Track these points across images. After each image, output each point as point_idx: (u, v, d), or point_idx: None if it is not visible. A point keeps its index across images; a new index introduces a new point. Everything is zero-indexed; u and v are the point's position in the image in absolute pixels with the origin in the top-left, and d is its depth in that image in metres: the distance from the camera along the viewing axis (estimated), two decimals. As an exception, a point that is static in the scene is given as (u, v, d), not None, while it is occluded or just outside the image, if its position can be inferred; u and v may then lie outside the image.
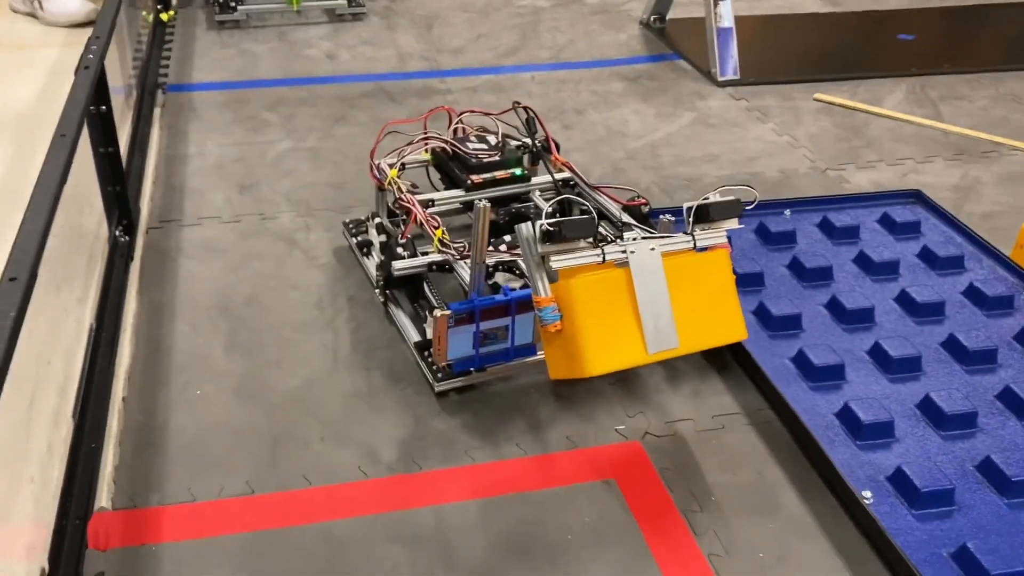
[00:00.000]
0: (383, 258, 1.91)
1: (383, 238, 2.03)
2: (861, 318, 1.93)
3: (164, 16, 3.51)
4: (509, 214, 1.97)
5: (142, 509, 1.52)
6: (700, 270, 1.55)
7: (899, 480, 1.55)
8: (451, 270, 1.84)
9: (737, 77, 3.13)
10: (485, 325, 1.69)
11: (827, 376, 1.77)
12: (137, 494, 1.55)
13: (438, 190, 2.06)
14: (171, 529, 1.48)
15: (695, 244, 1.55)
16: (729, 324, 1.57)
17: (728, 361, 1.88)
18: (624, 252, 1.49)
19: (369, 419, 1.72)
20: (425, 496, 1.57)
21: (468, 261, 1.75)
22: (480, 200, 1.62)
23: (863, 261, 2.11)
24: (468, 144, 2.03)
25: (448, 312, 1.64)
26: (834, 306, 1.96)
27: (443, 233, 1.81)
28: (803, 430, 1.65)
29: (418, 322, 1.89)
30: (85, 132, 1.84)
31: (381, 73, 3.18)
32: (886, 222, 2.26)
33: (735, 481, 1.62)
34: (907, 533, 1.47)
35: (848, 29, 3.70)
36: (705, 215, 1.56)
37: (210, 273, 2.11)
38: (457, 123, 2.10)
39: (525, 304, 1.68)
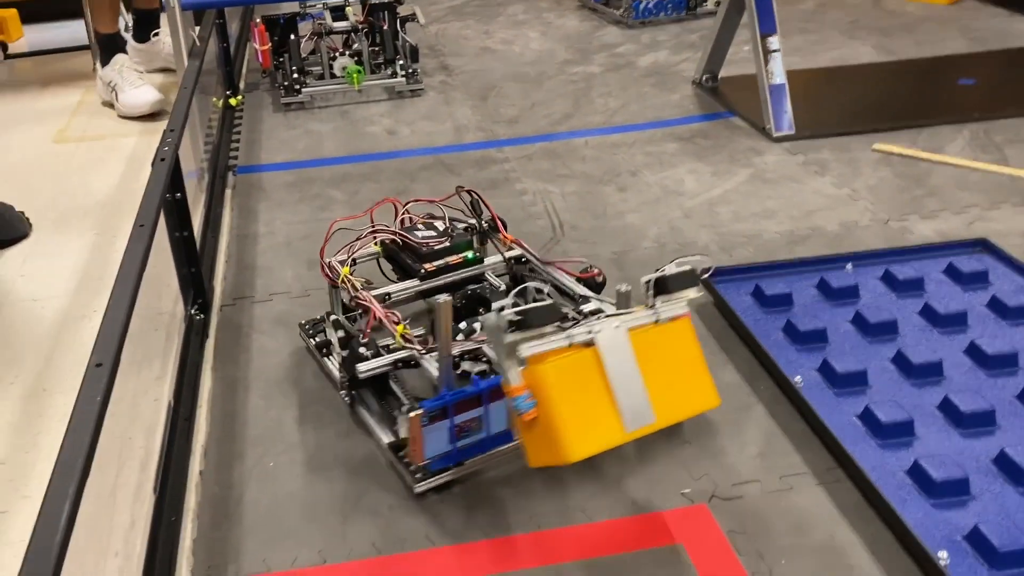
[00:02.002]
0: (344, 358, 1.86)
1: (340, 334, 2.02)
2: (929, 372, 1.89)
3: (233, 101, 3.70)
4: (465, 297, 2.00)
5: (219, 581, 1.57)
6: (665, 341, 1.54)
7: (977, 539, 1.50)
8: (417, 365, 1.83)
9: (792, 132, 3.14)
10: (459, 418, 1.67)
11: (896, 433, 1.74)
12: (215, 566, 1.60)
13: (392, 282, 2.06)
14: (247, 601, 1.53)
15: (658, 317, 1.55)
16: (701, 392, 1.57)
17: (795, 419, 1.86)
18: (590, 333, 1.47)
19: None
20: (493, 564, 1.58)
21: (434, 354, 1.75)
22: (440, 297, 1.60)
23: (929, 313, 2.08)
24: (416, 233, 2.06)
25: (420, 411, 1.60)
26: (901, 361, 1.93)
27: (404, 328, 1.80)
28: (873, 489, 1.62)
29: (388, 421, 1.84)
30: (162, 219, 1.95)
31: (439, 146, 3.28)
32: (952, 272, 2.22)
33: (805, 543, 1.59)
34: (988, 595, 1.42)
35: (905, 77, 3.68)
36: (664, 287, 1.55)
37: (281, 347, 2.18)
38: (404, 214, 2.13)
39: (496, 391, 1.66)
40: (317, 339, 2.11)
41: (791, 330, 2.04)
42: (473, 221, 2.16)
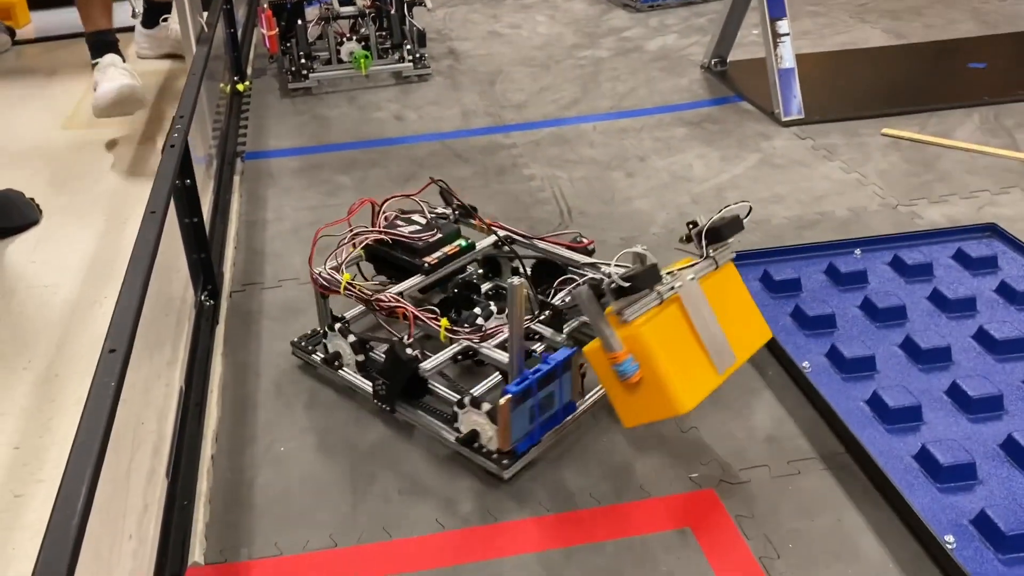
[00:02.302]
0: (388, 365, 1.81)
1: (352, 339, 1.91)
2: (938, 357, 1.90)
3: (240, 87, 3.70)
4: (457, 285, 2.01)
5: (232, 564, 1.59)
6: (724, 285, 1.67)
7: (983, 524, 1.51)
8: (474, 355, 1.84)
9: (801, 116, 3.13)
10: (540, 396, 1.69)
11: (904, 418, 1.75)
12: (227, 549, 1.62)
13: (382, 283, 2.03)
14: (259, 583, 1.55)
15: (716, 263, 1.66)
16: (758, 328, 1.74)
17: (802, 404, 1.87)
18: (672, 289, 1.57)
19: (444, 472, 1.76)
20: (502, 547, 1.60)
21: (490, 341, 1.80)
22: (514, 279, 1.62)
23: (938, 299, 2.08)
24: (401, 229, 2.03)
25: (509, 397, 1.62)
26: (909, 346, 1.93)
27: (447, 322, 1.81)
28: (880, 474, 1.63)
29: (438, 420, 1.82)
30: (172, 205, 1.96)
31: (447, 132, 3.28)
32: (961, 258, 2.22)
33: (813, 527, 1.60)
34: (995, 579, 1.43)
35: (915, 61, 3.66)
36: (717, 235, 1.66)
37: (291, 333, 2.19)
38: (383, 212, 2.08)
39: (564, 365, 1.71)
40: (320, 353, 2.01)
41: (799, 315, 2.04)
42: (447, 211, 2.15)
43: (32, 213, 2.76)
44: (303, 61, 3.71)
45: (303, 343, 2.07)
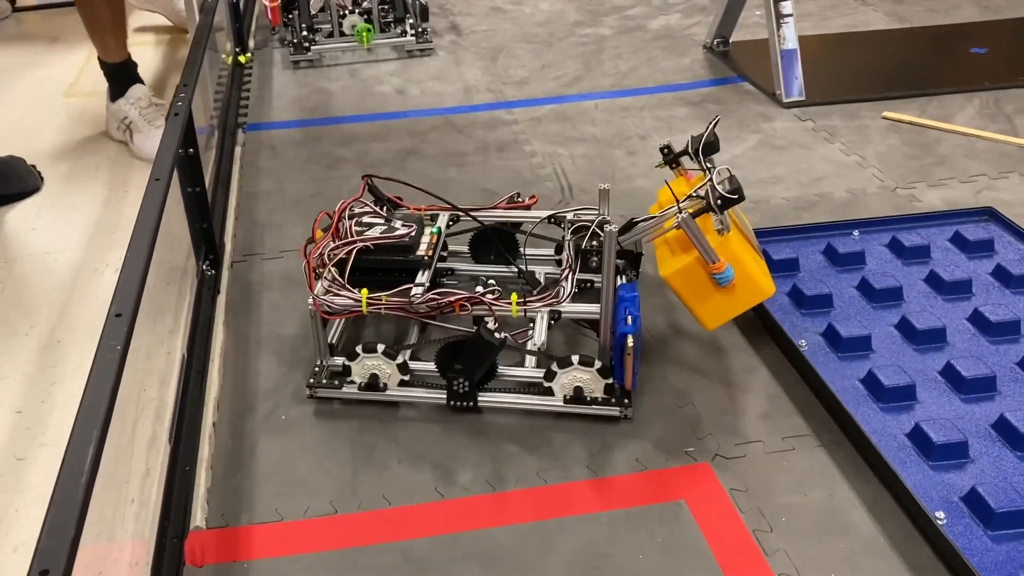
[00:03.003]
0: (473, 355, 1.76)
1: (400, 361, 1.82)
2: (933, 338, 1.92)
3: (242, 58, 3.69)
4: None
5: (234, 528, 1.61)
6: None
7: (974, 500, 1.54)
8: (559, 318, 1.86)
9: (803, 98, 3.14)
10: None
11: (898, 397, 1.77)
12: (229, 514, 1.64)
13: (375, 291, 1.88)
14: (261, 547, 1.57)
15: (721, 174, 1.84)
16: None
17: (797, 382, 1.89)
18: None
19: (443, 442, 1.78)
20: (499, 516, 1.62)
21: (560, 302, 1.81)
22: (608, 226, 1.72)
23: (934, 281, 2.10)
24: (369, 234, 1.93)
25: (631, 336, 1.67)
26: (905, 327, 1.95)
27: (516, 296, 1.82)
28: (874, 451, 1.65)
29: (522, 393, 1.84)
30: (175, 174, 1.96)
31: (449, 107, 3.28)
32: (958, 241, 2.24)
33: (805, 502, 1.63)
34: (982, 554, 1.46)
35: (917, 45, 3.66)
36: (712, 148, 1.86)
37: (292, 304, 2.21)
38: (345, 221, 1.98)
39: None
40: (353, 381, 1.85)
41: (797, 294, 2.06)
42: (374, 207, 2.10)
43: (33, 180, 2.76)
44: (305, 33, 3.70)
45: (321, 382, 1.87)
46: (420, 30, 3.76)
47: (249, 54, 3.77)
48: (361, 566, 1.53)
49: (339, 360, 1.87)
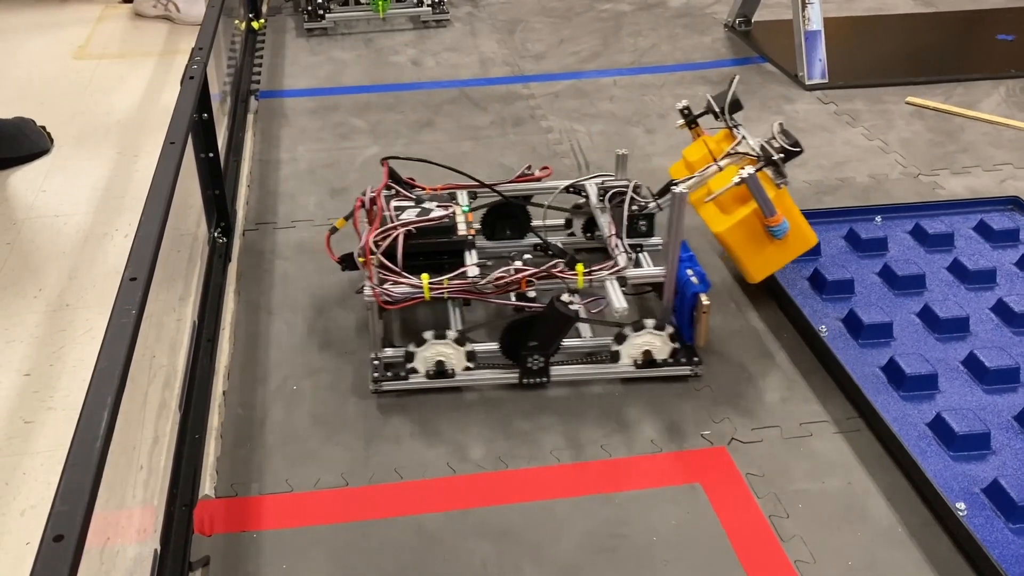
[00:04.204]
0: (549, 328, 1.74)
1: (467, 349, 1.78)
2: (955, 327, 1.89)
3: (255, 24, 3.63)
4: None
5: (243, 498, 1.59)
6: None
7: (995, 492, 1.51)
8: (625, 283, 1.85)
9: (825, 80, 3.08)
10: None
11: (919, 386, 1.74)
12: (238, 483, 1.62)
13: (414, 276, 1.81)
14: (270, 517, 1.55)
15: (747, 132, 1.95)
16: None
17: (816, 368, 1.86)
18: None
19: (456, 418, 1.76)
20: (512, 494, 1.60)
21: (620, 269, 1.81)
22: (676, 188, 1.72)
23: (958, 269, 2.06)
24: (404, 217, 1.88)
25: (703, 295, 1.74)
26: (927, 315, 1.92)
27: (582, 266, 1.81)
28: (894, 439, 1.63)
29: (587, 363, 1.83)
30: (189, 139, 1.93)
31: (465, 79, 3.23)
32: (982, 229, 2.20)
33: (823, 489, 1.60)
34: (1003, 546, 1.44)
35: (943, 30, 3.60)
36: (737, 106, 1.97)
37: (304, 274, 2.18)
38: (383, 210, 1.92)
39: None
40: (418, 370, 1.79)
41: (817, 279, 2.03)
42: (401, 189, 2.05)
43: (43, 141, 2.72)
44: (320, 1, 3.64)
45: (385, 375, 1.80)
46: (437, 1, 3.70)
47: (263, 20, 3.72)
48: (372, 539, 1.51)
49: (389, 351, 1.83)
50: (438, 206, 1.93)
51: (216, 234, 2.22)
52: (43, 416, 1.77)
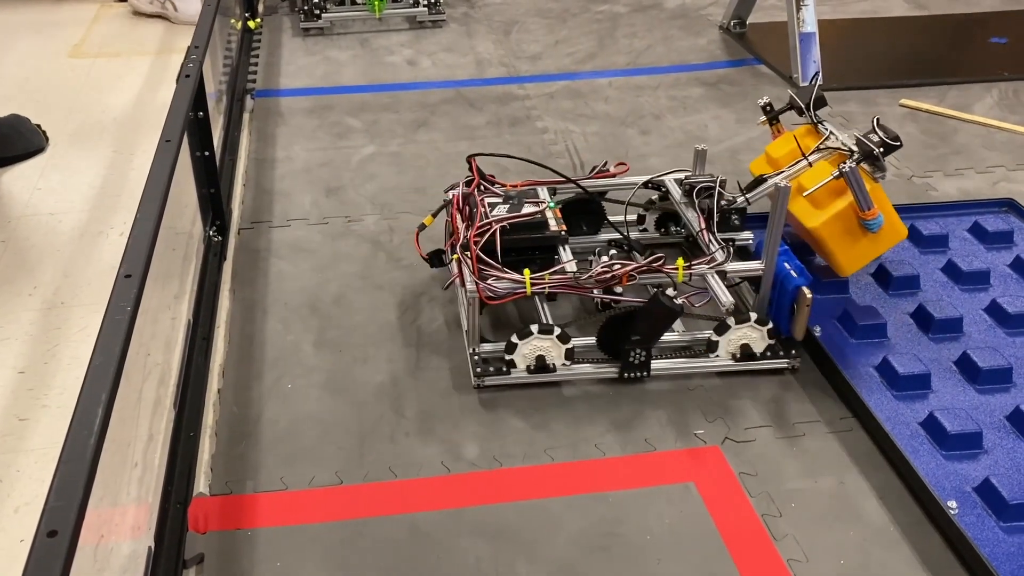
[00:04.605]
0: (654, 322, 1.76)
1: (571, 345, 1.79)
2: (949, 328, 1.90)
3: (252, 24, 3.64)
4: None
5: (237, 496, 1.59)
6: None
7: (987, 491, 1.52)
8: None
9: (820, 82, 3.09)
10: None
11: (912, 385, 1.75)
12: (233, 481, 1.62)
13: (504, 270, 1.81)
14: (265, 515, 1.55)
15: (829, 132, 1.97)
16: None
17: (810, 367, 1.87)
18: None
19: (451, 416, 1.76)
20: (507, 492, 1.60)
21: (718, 263, 1.83)
22: (776, 182, 1.81)
23: (952, 270, 2.07)
24: (496, 213, 1.89)
25: (805, 288, 1.77)
26: (920, 315, 1.93)
27: (682, 260, 1.84)
28: (887, 438, 1.64)
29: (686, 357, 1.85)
30: (185, 137, 1.93)
31: (461, 80, 3.24)
32: (977, 231, 2.21)
33: (815, 488, 1.61)
34: (994, 545, 1.44)
35: (936, 33, 3.62)
36: (821, 102, 1.99)
37: (299, 272, 2.18)
38: (477, 207, 1.92)
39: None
40: (527, 363, 1.79)
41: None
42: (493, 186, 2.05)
43: (38, 139, 2.72)
44: (316, 0, 3.65)
45: (488, 370, 1.80)
46: (433, 1, 3.70)
47: (259, 19, 3.72)
48: (366, 538, 1.51)
49: (486, 346, 1.84)
50: (527, 202, 1.94)
51: (211, 232, 2.23)
52: (37, 413, 1.77)
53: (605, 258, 1.82)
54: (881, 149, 1.83)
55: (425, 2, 3.70)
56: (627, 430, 1.73)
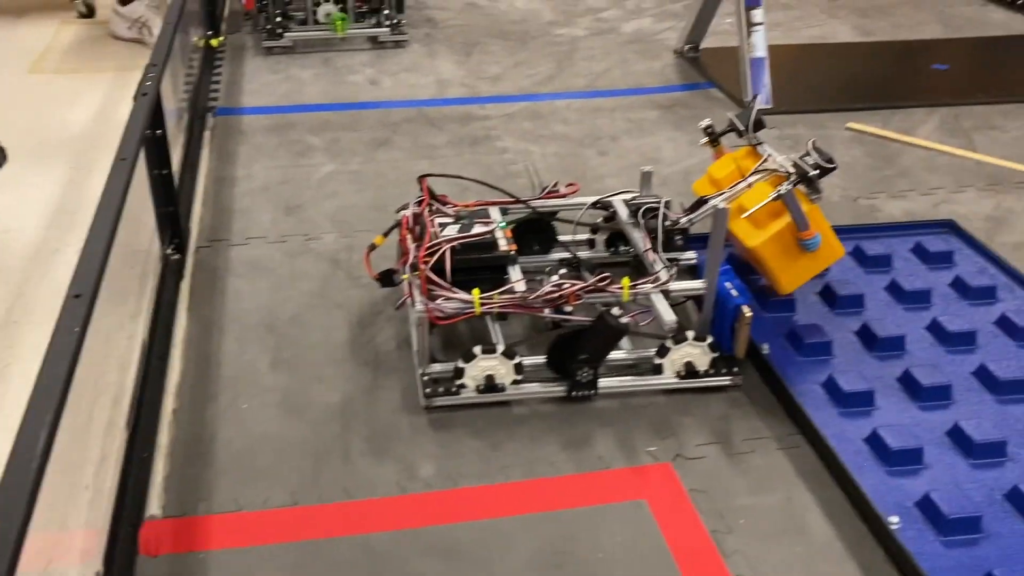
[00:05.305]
0: (600, 341, 1.79)
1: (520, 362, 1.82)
2: (892, 346, 1.95)
3: (214, 42, 3.63)
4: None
5: (190, 518, 1.59)
6: None
7: (927, 506, 1.57)
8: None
9: (770, 106, 3.17)
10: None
11: (857, 402, 1.80)
12: (186, 503, 1.61)
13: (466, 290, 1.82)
14: (218, 537, 1.55)
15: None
16: None
17: (758, 384, 1.91)
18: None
19: (407, 435, 1.77)
20: (461, 512, 1.62)
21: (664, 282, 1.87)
22: (716, 203, 1.84)
23: (895, 290, 2.13)
24: (446, 233, 1.91)
25: (745, 307, 1.80)
26: (865, 334, 1.99)
27: (627, 280, 1.86)
28: (832, 455, 1.68)
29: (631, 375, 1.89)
30: (142, 155, 1.93)
31: (422, 99, 3.27)
32: (919, 251, 2.28)
33: (764, 504, 1.65)
34: (934, 559, 1.49)
35: (881, 59, 3.73)
36: (761, 124, 2.04)
37: (257, 291, 2.18)
38: (423, 228, 1.94)
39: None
40: (467, 385, 1.81)
41: (760, 299, 2.08)
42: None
43: (-5, 156, 2.69)
44: (279, 20, 3.66)
45: (437, 391, 1.81)
46: (395, 21, 3.74)
47: (221, 38, 3.72)
48: (320, 559, 1.52)
49: (437, 366, 1.85)
50: (478, 222, 1.96)
51: (169, 251, 2.22)
52: (-12, 435, 1.75)
53: (555, 277, 1.85)
54: (817, 171, 1.89)
55: (388, 23, 3.73)
56: (580, 448, 1.76)
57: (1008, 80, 3.54)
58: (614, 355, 1.89)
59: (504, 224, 2.00)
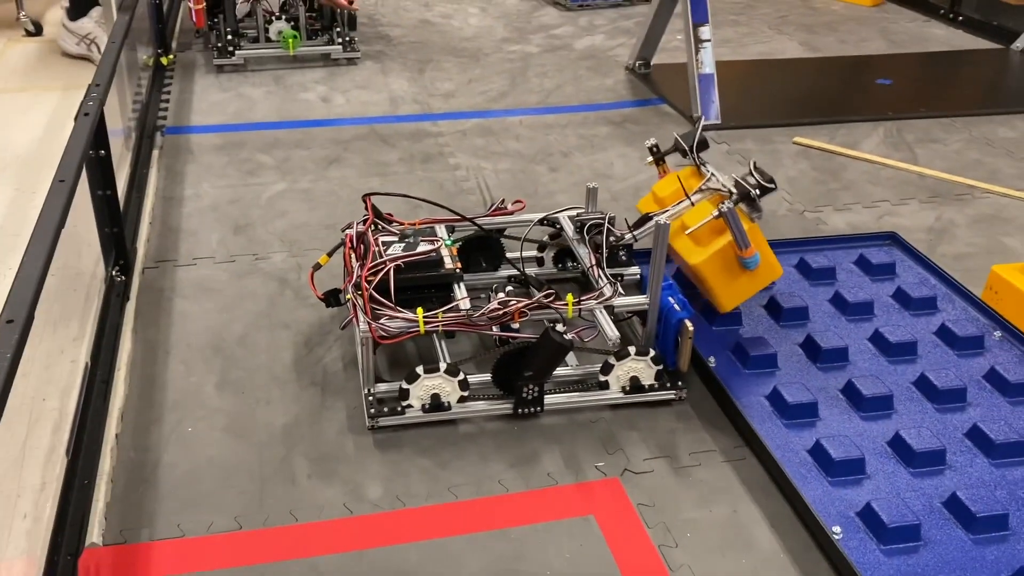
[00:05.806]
0: (544, 358, 1.79)
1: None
2: (835, 357, 1.99)
3: (164, 60, 3.60)
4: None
5: (132, 545, 1.56)
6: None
7: (868, 516, 1.59)
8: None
9: (719, 121, 3.22)
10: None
11: (801, 414, 1.82)
12: (128, 530, 1.59)
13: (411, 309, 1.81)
14: (160, 564, 1.52)
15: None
16: None
17: (705, 397, 1.93)
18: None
19: (353, 457, 1.76)
20: (408, 533, 1.61)
21: (608, 298, 1.88)
22: (660, 218, 1.86)
23: (839, 302, 2.17)
24: (391, 252, 1.90)
25: (687, 320, 1.83)
26: (809, 345, 2.02)
27: (572, 296, 1.86)
28: (776, 466, 1.70)
29: (577, 391, 1.90)
30: (84, 176, 1.91)
31: (374, 116, 3.27)
32: (862, 263, 2.33)
33: (710, 517, 1.66)
34: (875, 568, 1.51)
35: (827, 74, 3.81)
36: (704, 145, 2.07)
37: (204, 312, 2.16)
38: (367, 247, 1.93)
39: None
40: (414, 405, 1.81)
41: (708, 312, 2.11)
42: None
43: (-67, 178, 2.64)
44: (230, 37, 3.64)
45: (382, 411, 1.81)
46: (348, 39, 3.73)
47: (171, 56, 3.69)
48: (265, 583, 1.50)
49: (382, 386, 1.84)
50: (423, 240, 1.95)
51: (114, 272, 2.19)
52: (-79, 466, 1.71)
53: (501, 295, 1.86)
54: (757, 191, 1.93)
55: (340, 40, 3.73)
56: (528, 465, 1.76)
57: (949, 94, 3.64)
58: (560, 371, 1.90)
59: (450, 242, 2.00)
